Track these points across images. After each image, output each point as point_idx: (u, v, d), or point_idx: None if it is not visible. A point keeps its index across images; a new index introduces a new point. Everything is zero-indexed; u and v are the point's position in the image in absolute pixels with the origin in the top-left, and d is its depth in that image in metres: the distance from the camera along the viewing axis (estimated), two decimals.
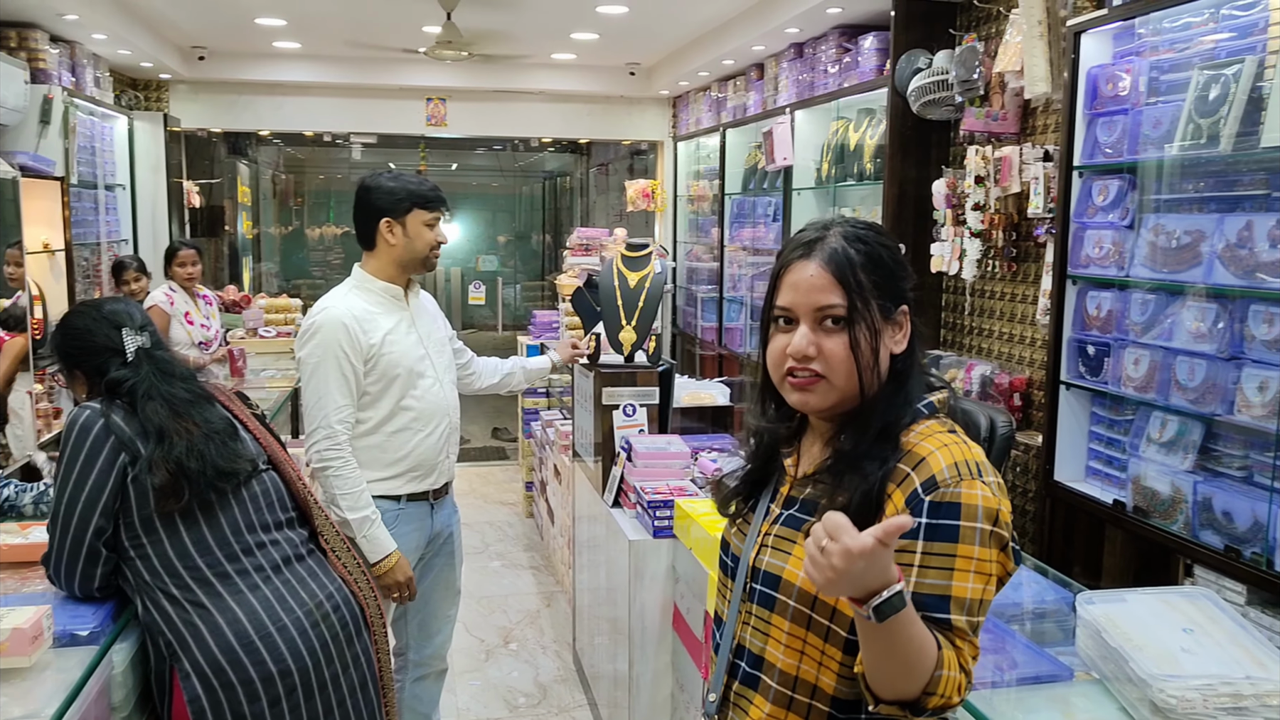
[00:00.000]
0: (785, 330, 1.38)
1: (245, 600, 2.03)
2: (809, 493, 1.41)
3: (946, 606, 1.25)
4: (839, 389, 1.35)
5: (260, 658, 2.00)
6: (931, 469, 1.29)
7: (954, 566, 1.26)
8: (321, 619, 2.13)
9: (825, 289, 1.34)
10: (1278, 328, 2.46)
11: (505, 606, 4.91)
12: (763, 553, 1.42)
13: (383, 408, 2.77)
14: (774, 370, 1.40)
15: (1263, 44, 2.53)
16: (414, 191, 2.79)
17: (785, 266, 1.39)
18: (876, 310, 1.35)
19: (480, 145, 11.70)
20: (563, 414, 5.93)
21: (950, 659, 1.22)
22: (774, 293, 1.40)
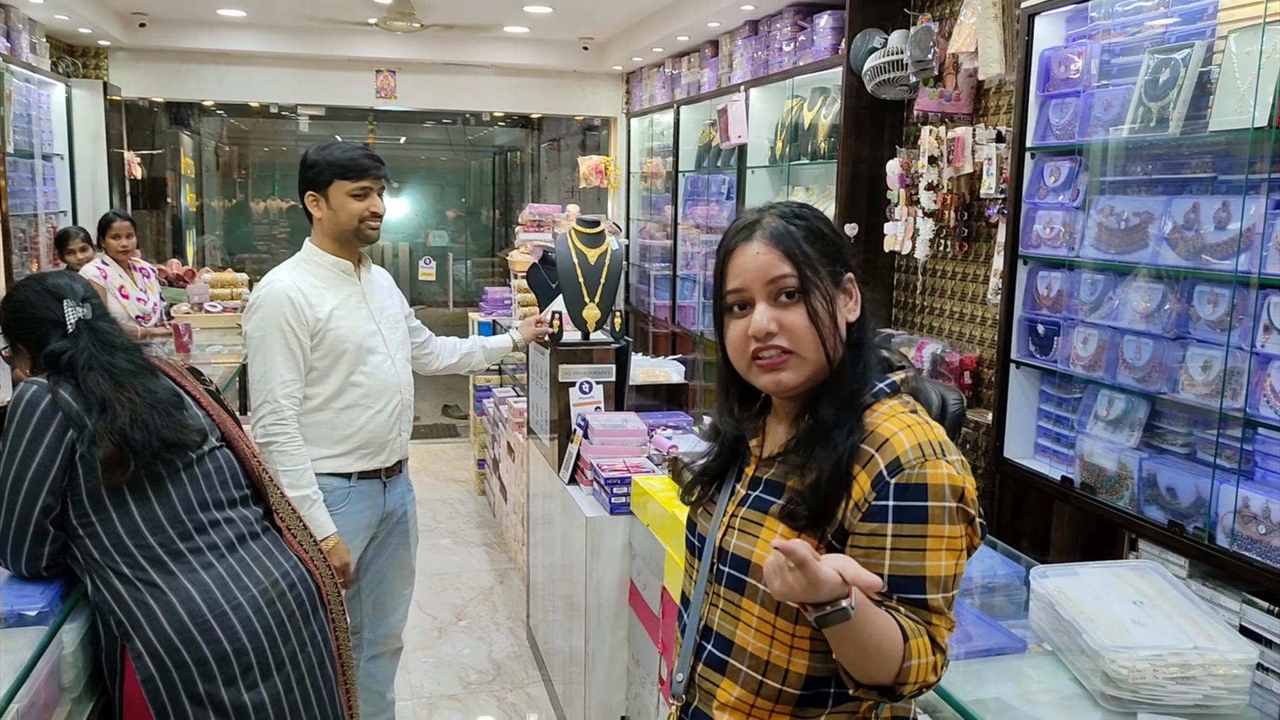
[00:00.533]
0: (741, 315, 1.38)
1: (199, 578, 2.00)
2: (775, 472, 1.42)
3: (922, 587, 1.27)
4: (809, 362, 1.36)
5: (215, 636, 1.97)
6: (895, 450, 1.30)
7: (925, 547, 1.28)
8: (277, 597, 2.10)
9: (774, 263, 1.35)
10: (1222, 308, 2.52)
11: (458, 584, 4.90)
12: (729, 534, 1.42)
13: (331, 384, 2.73)
14: (738, 358, 1.40)
15: (1211, 29, 2.57)
16: (333, 162, 2.71)
17: (729, 252, 1.40)
18: (827, 278, 1.37)
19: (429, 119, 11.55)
20: (516, 391, 5.90)
21: (920, 647, 1.24)
22: (722, 281, 1.41)
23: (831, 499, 1.31)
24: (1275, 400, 2.36)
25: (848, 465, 1.32)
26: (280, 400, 2.65)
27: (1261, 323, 2.40)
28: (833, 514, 1.32)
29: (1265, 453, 2.43)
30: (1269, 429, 2.40)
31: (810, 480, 1.33)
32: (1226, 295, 2.50)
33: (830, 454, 1.32)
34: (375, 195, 2.76)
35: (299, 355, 2.68)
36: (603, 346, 3.48)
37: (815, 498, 1.32)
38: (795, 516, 1.34)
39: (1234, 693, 1.55)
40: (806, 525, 1.33)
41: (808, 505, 1.33)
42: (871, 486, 1.30)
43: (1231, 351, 2.47)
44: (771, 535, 1.36)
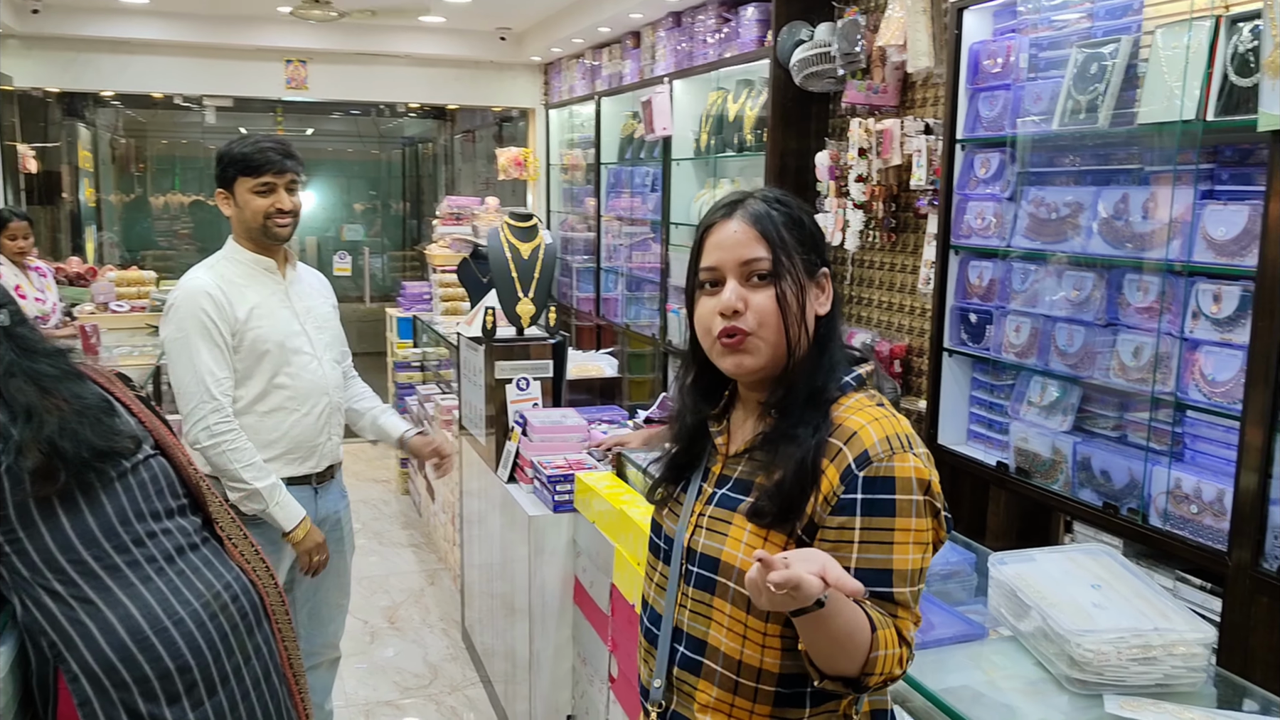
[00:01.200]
0: (712, 293, 1.38)
1: (137, 594, 1.89)
2: (742, 470, 1.41)
3: (889, 580, 1.27)
4: (769, 345, 1.35)
5: (156, 654, 1.87)
6: (864, 443, 1.30)
7: (893, 540, 1.28)
8: (220, 609, 2.00)
9: (749, 243, 1.36)
10: (1151, 295, 2.60)
11: (387, 586, 4.80)
12: (698, 534, 1.41)
13: (253, 386, 2.64)
14: (703, 335, 1.40)
15: (1138, 24, 2.65)
16: (236, 158, 2.62)
17: (708, 229, 1.40)
18: (801, 267, 1.37)
19: (339, 110, 11.27)
20: (440, 388, 5.80)
21: (887, 638, 1.24)
22: (698, 258, 1.41)
23: (798, 496, 1.31)
24: (1204, 384, 2.44)
25: (814, 462, 1.31)
26: (219, 397, 2.56)
27: (1190, 309, 2.48)
28: (800, 510, 1.31)
29: (1194, 435, 2.52)
30: (1198, 411, 2.48)
31: (776, 478, 1.33)
32: (1156, 283, 2.58)
33: (796, 450, 1.32)
34: (281, 190, 2.65)
35: (226, 352, 2.59)
36: (539, 342, 3.44)
37: (781, 495, 1.32)
38: (762, 514, 1.33)
39: (1192, 671, 1.60)
40: (773, 523, 1.33)
41: (774, 503, 1.32)
42: (840, 480, 1.30)
43: (1161, 337, 2.55)
44: (740, 533, 1.35)
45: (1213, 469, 2.44)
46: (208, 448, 2.54)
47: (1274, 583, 2.20)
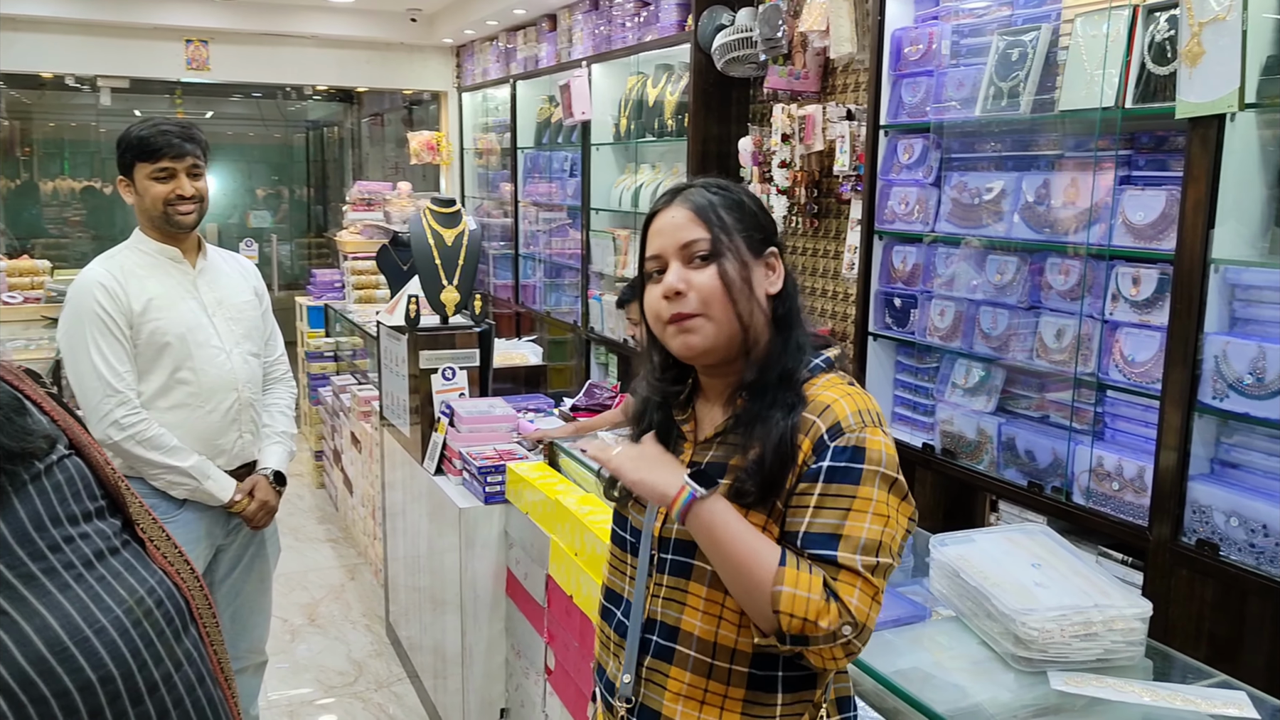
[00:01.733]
0: (658, 281, 1.40)
1: (55, 602, 1.79)
2: (714, 455, 1.40)
3: (834, 544, 1.26)
4: (719, 323, 1.35)
5: (76, 665, 1.77)
6: (836, 415, 1.31)
7: (851, 508, 1.27)
8: (143, 615, 1.91)
9: (687, 226, 1.37)
10: (1072, 279, 2.66)
11: (306, 582, 4.67)
12: (671, 521, 1.39)
13: (154, 380, 2.53)
14: (654, 322, 1.41)
15: (1057, 12, 2.70)
16: (133, 142, 2.51)
17: (651, 218, 1.43)
18: (743, 244, 1.38)
19: (239, 92, 10.90)
20: (356, 379, 5.66)
21: (802, 579, 1.23)
22: (643, 248, 1.44)
23: (778, 473, 1.31)
24: (1124, 364, 2.51)
25: (792, 439, 1.31)
26: (123, 390, 2.46)
27: (1110, 292, 2.55)
28: (780, 487, 1.31)
29: (1115, 414, 2.59)
30: (1118, 391, 2.56)
31: (754, 456, 1.32)
32: (1077, 266, 2.64)
33: (772, 430, 1.32)
34: (182, 176, 2.54)
35: (126, 343, 2.48)
36: (465, 331, 3.37)
37: (761, 472, 1.31)
38: (744, 494, 1.33)
39: (1131, 645, 1.64)
40: (755, 501, 1.32)
41: (754, 481, 1.32)
42: (813, 450, 1.30)
43: (1082, 319, 2.62)
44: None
45: (1133, 447, 2.52)
46: (119, 443, 2.43)
47: (1192, 556, 2.28)
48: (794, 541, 1.29)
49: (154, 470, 2.47)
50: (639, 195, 5.00)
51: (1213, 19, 2.16)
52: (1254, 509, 2.17)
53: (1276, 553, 2.13)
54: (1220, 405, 2.22)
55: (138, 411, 2.46)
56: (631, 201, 5.06)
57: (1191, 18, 2.21)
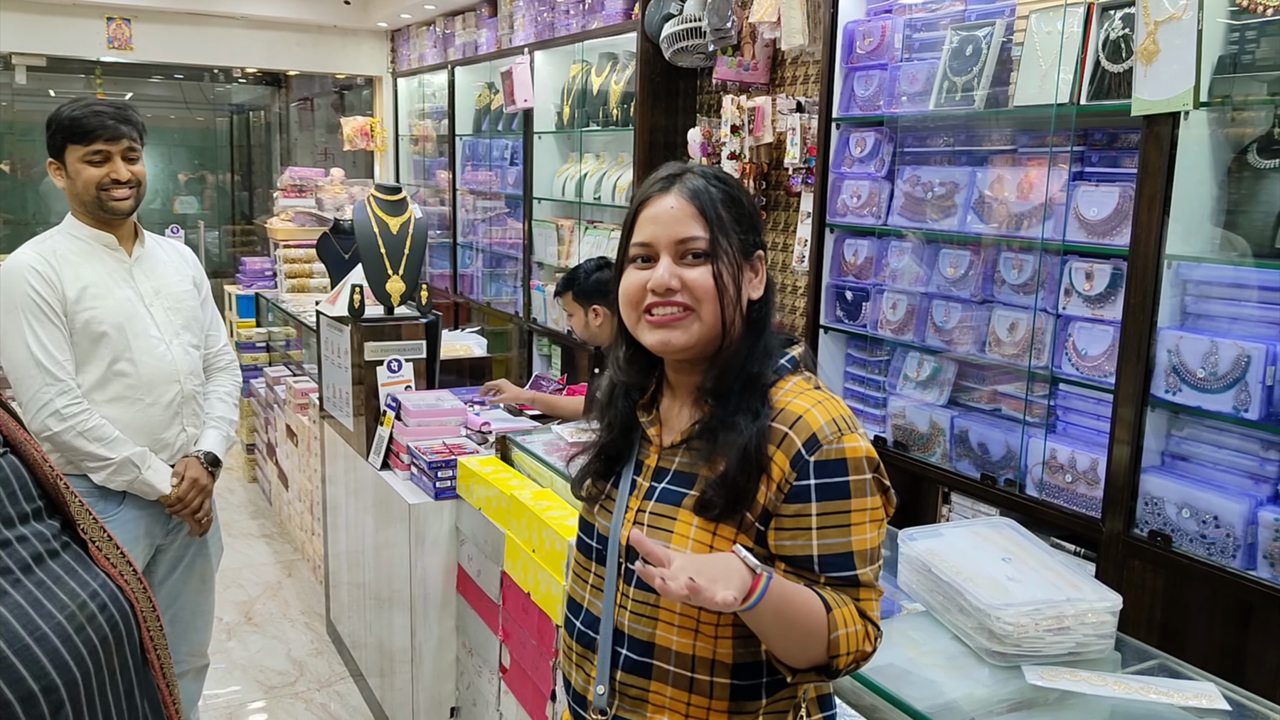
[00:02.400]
0: (643, 268, 1.34)
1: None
2: (682, 461, 1.36)
3: (850, 563, 1.26)
4: (704, 323, 1.31)
5: (17, 675, 1.67)
6: (811, 427, 1.28)
7: (850, 522, 1.26)
8: (87, 621, 1.82)
9: (686, 220, 1.31)
10: (1026, 273, 2.69)
11: (241, 580, 4.54)
12: (637, 530, 1.34)
13: (90, 373, 2.43)
14: (630, 309, 1.35)
15: (1011, 8, 2.72)
16: (64, 123, 2.40)
17: (644, 201, 1.35)
18: (737, 246, 1.34)
19: (160, 73, 10.55)
20: (291, 370, 5.52)
21: (845, 616, 1.23)
22: (630, 231, 1.36)
23: (745, 485, 1.27)
24: (1077, 358, 2.55)
25: (758, 449, 1.28)
26: (63, 378, 2.36)
27: (1063, 286, 2.58)
28: (749, 500, 1.28)
29: (1067, 407, 2.63)
30: (1071, 385, 2.59)
31: (721, 468, 1.29)
32: (1030, 261, 2.67)
33: (738, 438, 1.28)
34: (117, 159, 2.43)
35: (64, 331, 2.37)
36: (411, 322, 3.29)
37: (727, 486, 1.28)
38: (710, 506, 1.29)
39: (1101, 638, 1.66)
40: (722, 514, 1.29)
41: (721, 494, 1.28)
42: (791, 466, 1.27)
43: (1036, 313, 2.65)
44: (687, 529, 1.30)
45: (1085, 439, 2.55)
46: (59, 433, 2.32)
47: (1145, 547, 2.32)
48: (807, 566, 1.26)
49: (94, 463, 2.36)
50: (583, 185, 4.95)
51: (1168, 18, 2.19)
52: (1205, 500, 2.21)
53: (1226, 544, 2.18)
54: (1173, 399, 2.26)
55: (79, 401, 2.35)
56: (575, 191, 5.00)
57: (1147, 16, 2.23)
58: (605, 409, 1.46)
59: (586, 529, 1.45)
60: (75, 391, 2.37)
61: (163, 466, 2.49)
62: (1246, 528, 2.15)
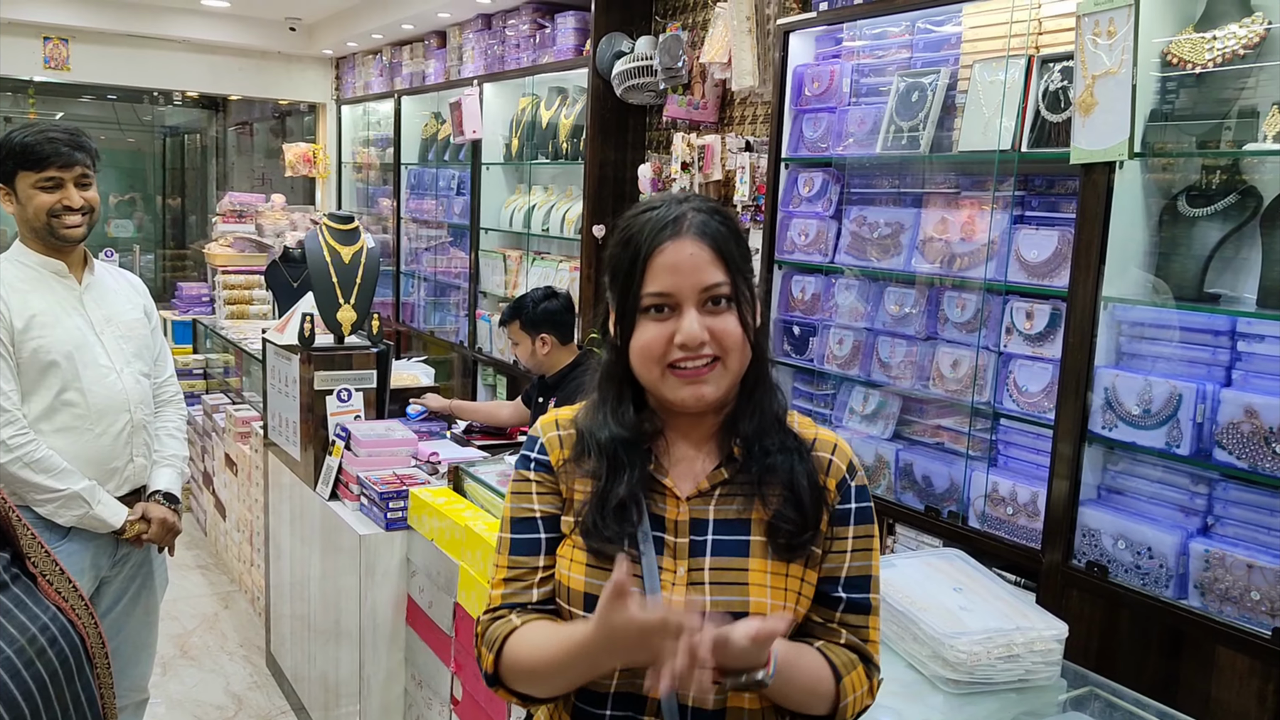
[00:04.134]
0: (661, 319, 1.24)
1: None
2: (721, 509, 1.28)
3: (868, 585, 1.31)
4: (730, 372, 1.26)
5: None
6: (847, 454, 1.33)
7: (870, 546, 1.32)
8: (36, 655, 1.78)
9: (708, 267, 1.23)
10: (969, 311, 2.79)
11: (175, 612, 4.43)
12: (697, 591, 1.25)
13: (38, 401, 2.39)
14: (652, 364, 1.26)
15: (955, 58, 2.84)
16: (15, 149, 2.37)
17: (654, 249, 1.24)
18: (748, 283, 1.28)
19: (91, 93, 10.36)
20: (229, 398, 5.43)
21: (854, 681, 1.26)
22: (640, 279, 1.25)
23: (816, 513, 1.27)
24: (1017, 394, 2.64)
25: (816, 474, 1.28)
26: (10, 409, 2.31)
27: (1004, 325, 2.68)
28: (819, 529, 1.27)
29: (1008, 441, 2.72)
30: (1011, 419, 2.69)
31: (789, 502, 1.26)
32: (973, 300, 2.77)
33: (791, 473, 1.26)
34: (70, 186, 2.40)
35: (9, 361, 2.33)
36: (362, 351, 3.28)
37: (802, 516, 1.26)
38: (791, 546, 1.25)
39: (1049, 665, 1.72)
40: (796, 549, 1.26)
41: (799, 529, 1.25)
42: (838, 490, 1.30)
43: (979, 351, 2.74)
44: (761, 576, 1.25)
45: (1025, 473, 2.64)
46: (4, 464, 2.27)
47: (1083, 577, 2.41)
48: (833, 586, 1.28)
49: (40, 496, 2.31)
50: (530, 216, 4.98)
51: (1105, 72, 2.31)
52: (1139, 532, 2.31)
53: (1159, 574, 2.27)
54: (1109, 434, 2.36)
55: (25, 432, 2.31)
56: (524, 222, 5.03)
57: (1085, 70, 2.35)
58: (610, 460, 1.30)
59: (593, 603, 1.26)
60: (21, 422, 2.32)
61: (113, 501, 2.45)
62: (1178, 558, 2.24)
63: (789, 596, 1.26)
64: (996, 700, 1.68)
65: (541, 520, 1.36)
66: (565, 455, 1.36)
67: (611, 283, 1.31)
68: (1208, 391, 2.19)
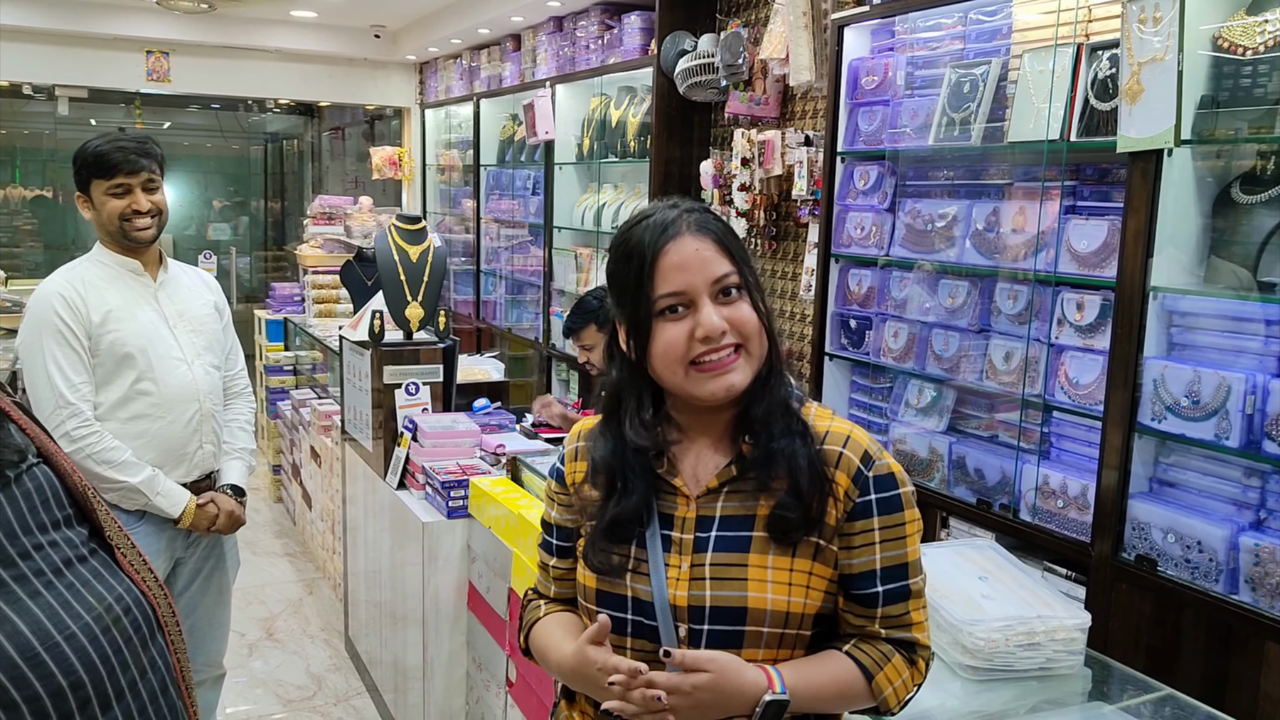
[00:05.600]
0: (677, 318, 1.27)
1: (26, 609, 1.80)
2: (728, 506, 1.31)
3: (906, 573, 1.31)
4: (753, 358, 1.29)
5: (48, 671, 1.78)
6: (862, 444, 1.31)
7: (905, 534, 1.31)
8: (112, 623, 1.92)
9: (714, 259, 1.27)
10: (1020, 303, 2.77)
11: (263, 597, 4.66)
12: (698, 587, 1.29)
13: (114, 391, 2.56)
14: (675, 365, 1.28)
15: (1006, 48, 2.81)
16: (88, 159, 2.55)
17: (658, 252, 1.27)
18: (753, 274, 1.32)
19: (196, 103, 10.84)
20: (316, 393, 5.66)
21: (889, 675, 1.29)
22: (650, 284, 1.27)
23: (818, 500, 1.28)
24: (1069, 386, 2.61)
25: (823, 463, 1.29)
26: (75, 402, 2.48)
27: (1055, 316, 2.65)
28: (821, 519, 1.28)
29: (1060, 434, 2.69)
30: (1063, 412, 2.66)
31: (789, 489, 1.27)
32: (1025, 292, 2.75)
33: (796, 461, 1.28)
34: (138, 191, 2.57)
35: (84, 355, 2.50)
36: (430, 346, 3.41)
37: (799, 502, 1.27)
38: (786, 529, 1.27)
39: (1071, 654, 1.72)
40: (798, 538, 1.28)
41: (796, 512, 1.27)
42: (853, 483, 1.29)
43: (1030, 343, 2.72)
44: (762, 571, 1.28)
45: (1077, 466, 2.62)
46: (69, 454, 2.44)
47: (1132, 571, 2.38)
48: (869, 581, 1.30)
49: (104, 484, 2.47)
50: (601, 214, 5.07)
51: (1151, 59, 2.28)
52: (1189, 526, 2.27)
53: (1209, 568, 2.24)
54: (1158, 426, 2.32)
55: (89, 424, 2.47)
56: (594, 220, 5.13)
57: (1131, 57, 2.32)
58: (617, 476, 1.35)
59: (608, 601, 1.34)
60: (86, 415, 2.48)
61: (174, 491, 2.59)
62: (1229, 553, 2.20)
63: (793, 590, 1.28)
64: (1016, 688, 1.69)
65: (555, 527, 1.47)
66: (581, 467, 1.42)
67: (620, 298, 1.33)
68: (1258, 382, 2.15)
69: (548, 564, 1.48)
